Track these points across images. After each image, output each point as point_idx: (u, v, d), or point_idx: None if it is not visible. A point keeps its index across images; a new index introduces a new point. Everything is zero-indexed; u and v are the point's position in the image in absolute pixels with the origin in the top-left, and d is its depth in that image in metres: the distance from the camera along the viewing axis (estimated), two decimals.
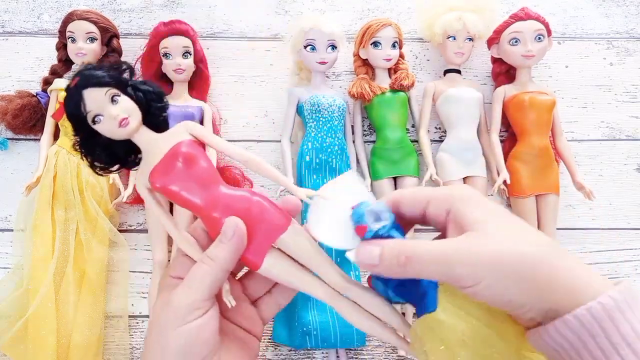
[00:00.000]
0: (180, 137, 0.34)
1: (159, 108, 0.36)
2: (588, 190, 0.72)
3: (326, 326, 0.68)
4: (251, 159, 0.36)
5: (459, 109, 0.75)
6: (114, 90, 0.34)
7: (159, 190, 0.34)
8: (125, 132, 0.34)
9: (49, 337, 0.64)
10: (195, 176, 0.33)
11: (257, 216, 0.33)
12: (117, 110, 0.33)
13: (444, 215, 0.30)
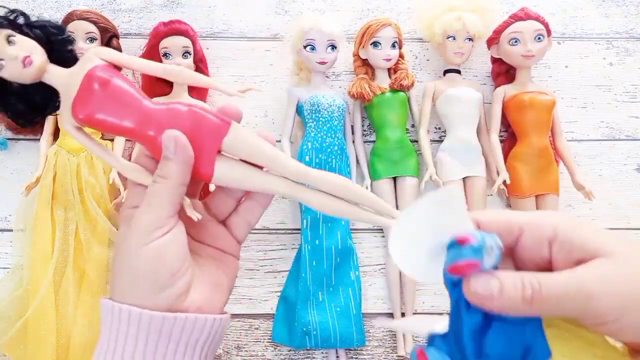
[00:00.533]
0: (92, 63, 0.32)
1: (61, 41, 0.34)
2: (588, 191, 0.72)
3: (326, 326, 0.68)
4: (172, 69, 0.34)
5: (459, 109, 0.75)
6: (8, 30, 0.31)
7: (84, 122, 0.32)
8: (31, 72, 0.31)
9: (48, 337, 0.64)
10: (117, 98, 0.31)
11: (194, 125, 0.31)
12: (16, 51, 0.31)
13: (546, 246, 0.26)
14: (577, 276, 0.23)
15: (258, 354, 0.72)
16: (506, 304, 0.23)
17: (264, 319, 0.73)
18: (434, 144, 0.79)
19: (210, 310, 0.32)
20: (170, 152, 0.30)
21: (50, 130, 0.74)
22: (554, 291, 0.23)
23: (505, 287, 0.23)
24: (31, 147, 0.76)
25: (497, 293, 0.23)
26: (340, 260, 0.72)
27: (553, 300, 0.23)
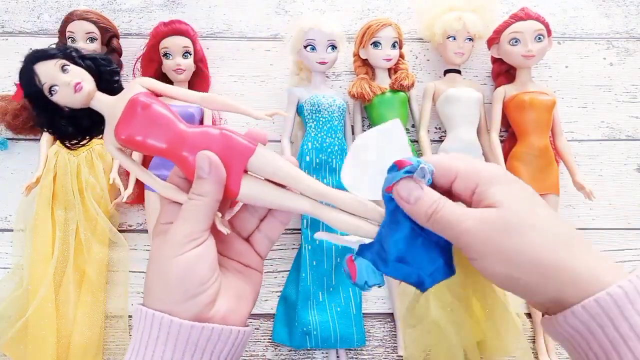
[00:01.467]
0: (135, 90, 0.35)
1: (110, 72, 0.37)
2: (588, 191, 0.72)
3: (326, 326, 0.68)
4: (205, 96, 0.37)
5: (459, 109, 0.75)
6: (63, 60, 0.36)
7: (125, 142, 0.35)
8: (81, 97, 0.35)
9: (49, 337, 0.65)
10: (156, 121, 0.34)
11: (223, 145, 0.34)
12: (69, 77, 0.35)
13: (470, 195, 0.30)
14: (463, 215, 0.29)
15: (258, 354, 0.72)
16: (415, 211, 0.30)
17: (264, 319, 0.73)
18: (434, 144, 0.79)
19: (234, 320, 0.34)
20: (204, 172, 0.33)
21: None
22: (444, 218, 0.29)
23: (421, 199, 0.30)
24: (31, 147, 0.76)
25: (413, 200, 0.30)
26: (340, 260, 0.72)
27: (441, 224, 0.29)
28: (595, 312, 0.26)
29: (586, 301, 0.26)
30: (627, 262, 0.77)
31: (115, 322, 0.70)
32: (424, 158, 0.32)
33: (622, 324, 0.25)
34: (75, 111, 0.36)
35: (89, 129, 0.37)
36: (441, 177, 0.31)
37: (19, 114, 0.72)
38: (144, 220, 0.75)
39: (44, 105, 0.35)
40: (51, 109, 0.36)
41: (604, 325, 0.26)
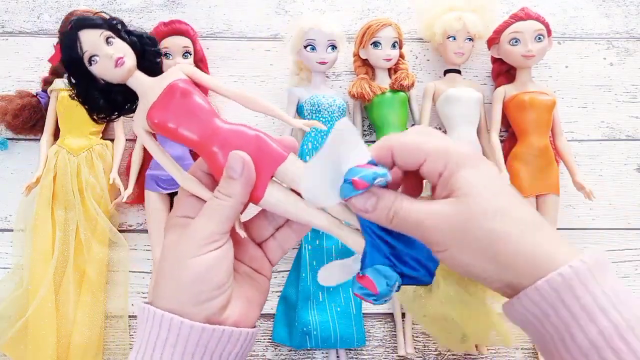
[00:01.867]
0: (176, 76, 0.35)
1: (153, 53, 0.36)
2: (588, 190, 0.72)
3: (326, 326, 0.68)
4: (247, 95, 0.36)
5: (459, 109, 0.75)
6: (109, 32, 0.34)
7: (156, 126, 0.34)
8: (121, 73, 0.34)
9: (49, 337, 0.65)
10: (192, 111, 0.34)
11: (255, 148, 0.33)
12: (112, 50, 0.34)
13: (437, 177, 0.30)
14: (422, 210, 0.29)
15: (258, 354, 0.72)
16: (376, 219, 0.30)
17: (264, 319, 0.73)
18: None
19: (245, 325, 0.33)
20: (236, 172, 0.32)
21: (50, 130, 0.74)
22: (406, 218, 0.29)
23: (378, 206, 0.29)
24: (31, 147, 0.76)
25: (370, 208, 0.30)
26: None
27: (404, 225, 0.29)
28: (547, 293, 0.26)
29: (538, 282, 0.26)
30: (627, 262, 0.77)
31: (115, 322, 0.70)
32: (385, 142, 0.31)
33: (573, 303, 0.25)
34: (111, 85, 0.35)
35: (121, 106, 0.36)
36: (409, 159, 0.30)
37: (19, 114, 0.72)
38: (144, 220, 0.75)
39: (81, 73, 0.34)
40: (87, 78, 0.35)
41: (555, 306, 0.26)
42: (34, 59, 0.79)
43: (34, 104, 0.74)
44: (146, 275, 0.73)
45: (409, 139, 0.31)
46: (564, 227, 0.77)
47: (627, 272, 0.76)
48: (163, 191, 0.71)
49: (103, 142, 0.74)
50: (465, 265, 0.28)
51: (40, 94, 0.75)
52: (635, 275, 0.76)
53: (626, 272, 0.76)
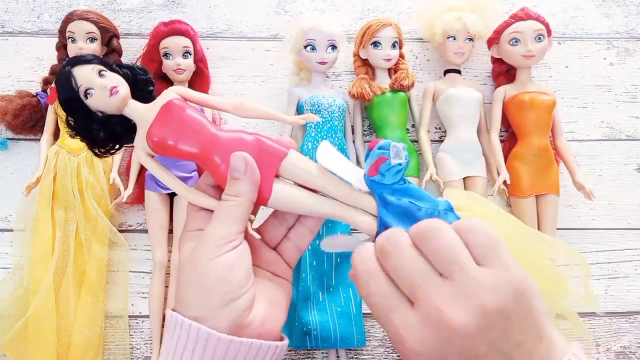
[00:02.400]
0: (170, 97, 0.36)
1: (144, 81, 0.38)
2: (588, 190, 0.72)
3: (326, 326, 0.68)
4: (242, 103, 0.37)
5: (459, 109, 0.75)
6: (100, 66, 0.36)
7: (156, 145, 0.35)
8: (116, 101, 0.35)
9: (49, 337, 0.65)
10: (189, 124, 0.35)
11: (256, 149, 0.33)
12: (105, 81, 0.35)
13: None
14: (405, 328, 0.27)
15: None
16: None
17: None
18: (434, 144, 0.79)
19: (272, 327, 0.33)
20: (240, 172, 0.32)
21: (50, 130, 0.74)
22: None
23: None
24: (31, 147, 0.76)
25: None
26: (340, 260, 0.72)
27: None
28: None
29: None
30: (627, 262, 0.77)
31: (115, 322, 0.70)
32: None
33: None
34: (108, 117, 0.36)
35: (121, 136, 0.37)
36: None
37: (19, 114, 0.72)
38: (144, 220, 0.75)
39: (78, 109, 0.36)
40: (85, 113, 0.36)
41: None
42: (34, 59, 0.79)
43: (34, 104, 0.74)
44: (146, 275, 0.73)
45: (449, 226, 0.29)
46: (564, 227, 0.77)
47: (627, 272, 0.76)
48: (163, 191, 0.71)
49: None
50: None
51: (40, 94, 0.75)
52: (635, 275, 0.76)
53: (626, 272, 0.76)
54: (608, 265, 0.76)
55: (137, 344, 0.71)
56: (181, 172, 0.71)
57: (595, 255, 0.77)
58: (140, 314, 0.72)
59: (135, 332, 0.71)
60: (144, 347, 0.71)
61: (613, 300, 0.75)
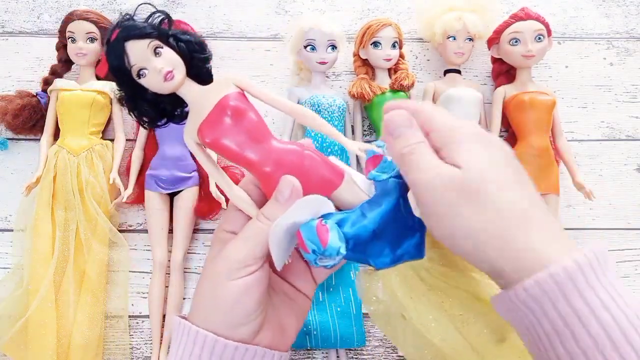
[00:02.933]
0: (227, 90, 0.33)
1: (202, 59, 0.35)
2: (588, 191, 0.72)
3: (326, 326, 0.68)
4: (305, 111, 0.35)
5: (459, 109, 0.75)
6: (156, 41, 0.33)
7: (209, 145, 0.33)
8: (171, 86, 0.33)
9: (49, 337, 0.64)
10: (245, 130, 0.33)
11: (309, 171, 0.32)
12: (161, 63, 0.32)
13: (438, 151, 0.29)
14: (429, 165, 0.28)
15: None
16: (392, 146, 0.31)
17: None
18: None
19: (277, 348, 0.33)
20: (283, 197, 0.31)
21: (50, 130, 0.74)
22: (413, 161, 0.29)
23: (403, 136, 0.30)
24: (31, 147, 0.76)
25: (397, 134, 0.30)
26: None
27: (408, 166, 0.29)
28: (549, 287, 0.24)
29: (539, 274, 0.25)
30: (627, 262, 0.77)
31: (115, 322, 0.70)
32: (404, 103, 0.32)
33: (576, 299, 0.24)
34: (160, 96, 0.34)
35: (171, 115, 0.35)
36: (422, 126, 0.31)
37: (19, 114, 0.72)
38: (144, 220, 0.75)
39: (128, 84, 0.33)
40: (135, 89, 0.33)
41: (556, 300, 0.24)
42: (34, 59, 0.79)
43: (34, 104, 0.74)
44: (146, 275, 0.73)
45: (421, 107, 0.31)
46: (564, 227, 0.76)
47: (627, 272, 0.76)
48: (163, 191, 0.71)
49: (103, 142, 0.74)
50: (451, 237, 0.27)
51: (40, 94, 0.75)
52: (635, 275, 0.76)
53: (626, 272, 0.76)
54: None
55: (137, 344, 0.71)
56: (181, 172, 0.71)
57: None
58: (140, 314, 0.72)
59: (135, 332, 0.71)
60: (144, 347, 0.71)
61: None
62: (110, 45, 0.33)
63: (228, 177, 0.35)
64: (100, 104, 0.73)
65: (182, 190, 0.72)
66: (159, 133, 0.73)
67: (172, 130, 0.71)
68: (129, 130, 0.77)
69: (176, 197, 0.72)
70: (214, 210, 0.72)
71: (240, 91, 0.34)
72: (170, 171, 0.71)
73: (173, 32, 0.34)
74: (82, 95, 0.72)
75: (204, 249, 0.74)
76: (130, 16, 0.34)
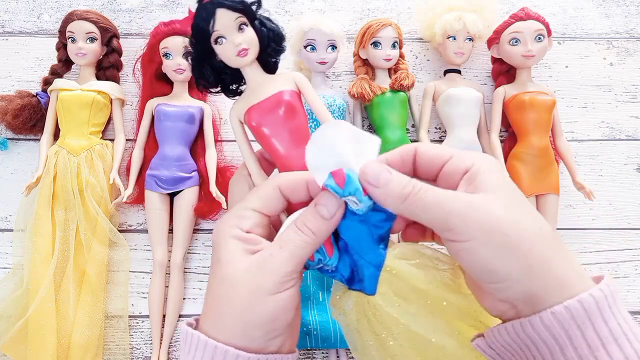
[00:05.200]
0: (286, 85, 0.35)
1: (275, 50, 0.37)
2: (588, 191, 0.72)
3: (326, 326, 0.68)
4: None
5: (459, 109, 0.75)
6: (244, 18, 0.34)
7: (252, 127, 0.34)
8: (240, 62, 0.34)
9: (49, 337, 0.64)
10: (289, 128, 0.34)
11: None
12: (240, 39, 0.34)
13: (461, 174, 0.29)
14: (447, 193, 0.27)
15: None
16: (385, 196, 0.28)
17: None
18: (435, 143, 0.79)
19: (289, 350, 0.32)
20: (330, 213, 0.30)
21: (50, 130, 0.74)
22: (427, 197, 0.27)
23: (393, 180, 0.28)
24: (31, 147, 0.76)
25: (383, 182, 0.28)
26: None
27: (422, 204, 0.27)
28: (578, 314, 0.25)
29: (570, 302, 0.25)
30: (627, 262, 0.77)
31: (115, 322, 0.70)
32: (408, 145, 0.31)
33: (602, 327, 0.25)
34: (225, 67, 0.35)
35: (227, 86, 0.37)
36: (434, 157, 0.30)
37: (19, 114, 0.73)
38: (144, 220, 0.75)
39: (203, 46, 0.35)
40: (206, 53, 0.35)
41: (584, 328, 0.25)
42: (34, 59, 0.79)
43: (34, 104, 0.74)
44: (146, 275, 0.73)
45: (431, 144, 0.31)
46: (564, 227, 0.77)
47: (627, 272, 0.76)
48: (163, 191, 0.71)
49: (103, 142, 0.74)
50: (488, 260, 0.26)
51: (40, 94, 0.75)
52: (635, 275, 0.76)
53: (626, 272, 0.76)
54: (608, 265, 0.76)
55: (137, 344, 0.71)
56: (181, 172, 0.71)
57: (596, 255, 0.77)
58: (140, 314, 0.72)
59: (135, 332, 0.71)
60: (144, 347, 0.71)
61: None
62: (203, 5, 0.34)
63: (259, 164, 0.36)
64: (101, 104, 0.73)
65: (182, 190, 0.72)
66: (159, 133, 0.73)
67: (172, 130, 0.72)
68: (129, 130, 0.77)
69: (176, 197, 0.72)
70: (214, 210, 0.72)
71: (296, 91, 0.35)
72: (170, 171, 0.71)
73: (261, 16, 0.36)
74: (82, 95, 0.72)
75: (204, 249, 0.74)
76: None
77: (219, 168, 0.73)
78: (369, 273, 0.31)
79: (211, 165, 0.72)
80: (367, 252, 0.30)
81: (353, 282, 0.32)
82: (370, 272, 0.31)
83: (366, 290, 0.31)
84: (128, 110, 0.79)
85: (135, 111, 0.78)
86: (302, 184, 0.31)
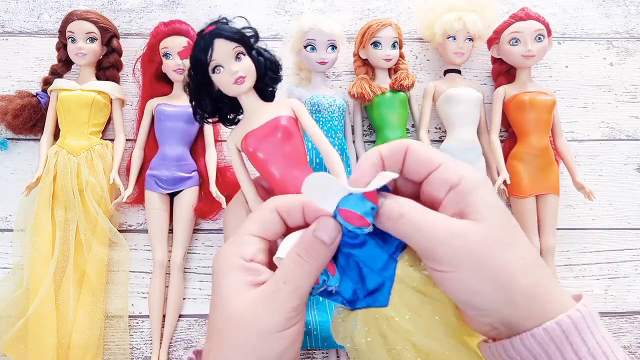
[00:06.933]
0: (283, 111, 0.36)
1: (272, 79, 0.38)
2: (588, 191, 0.72)
3: (326, 326, 0.68)
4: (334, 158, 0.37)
5: (459, 109, 0.75)
6: (241, 48, 0.36)
7: (250, 153, 0.35)
8: (237, 90, 0.35)
9: (49, 337, 0.64)
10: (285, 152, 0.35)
11: None
12: (237, 67, 0.35)
13: (447, 188, 0.28)
14: (436, 219, 0.27)
15: None
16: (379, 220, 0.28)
17: None
18: (435, 144, 0.79)
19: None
20: (330, 238, 0.29)
21: (50, 130, 0.74)
22: (416, 221, 0.27)
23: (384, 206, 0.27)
24: (31, 147, 0.76)
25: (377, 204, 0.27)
26: None
27: (411, 227, 0.27)
28: (556, 335, 0.25)
29: (548, 324, 0.26)
30: (627, 262, 0.77)
31: (115, 322, 0.70)
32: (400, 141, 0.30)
33: (581, 347, 0.25)
34: (223, 96, 0.36)
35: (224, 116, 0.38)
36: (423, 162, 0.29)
37: (19, 114, 0.73)
38: (144, 220, 0.75)
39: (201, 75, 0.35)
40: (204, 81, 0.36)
41: (563, 349, 0.25)
42: (34, 59, 0.79)
43: (34, 104, 0.74)
44: (146, 275, 0.73)
45: (425, 145, 0.30)
46: (564, 227, 0.77)
47: (627, 272, 0.76)
48: (163, 191, 0.71)
49: (103, 142, 0.74)
50: (471, 291, 0.26)
51: (40, 94, 0.75)
52: (635, 275, 0.76)
53: (626, 272, 0.76)
54: (608, 265, 0.76)
55: (137, 344, 0.71)
56: (181, 172, 0.71)
57: (596, 255, 0.77)
58: (140, 314, 0.72)
59: (135, 332, 0.71)
60: (144, 347, 0.71)
61: (613, 300, 0.75)
62: (201, 37, 0.35)
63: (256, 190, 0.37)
64: (100, 104, 0.73)
65: (182, 190, 0.72)
66: (159, 133, 0.73)
67: (172, 130, 0.72)
68: (129, 130, 0.77)
69: (176, 197, 0.72)
70: (214, 210, 0.72)
71: (293, 116, 0.36)
72: (170, 171, 0.71)
73: (258, 47, 0.37)
74: (82, 95, 0.72)
75: (204, 249, 0.74)
76: (226, 20, 0.37)
77: (219, 168, 0.73)
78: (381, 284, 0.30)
79: (211, 165, 0.72)
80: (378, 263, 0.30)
81: (356, 301, 0.31)
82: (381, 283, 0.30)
83: (377, 302, 0.30)
84: (128, 110, 0.79)
85: (135, 111, 0.78)
86: (298, 206, 0.30)
